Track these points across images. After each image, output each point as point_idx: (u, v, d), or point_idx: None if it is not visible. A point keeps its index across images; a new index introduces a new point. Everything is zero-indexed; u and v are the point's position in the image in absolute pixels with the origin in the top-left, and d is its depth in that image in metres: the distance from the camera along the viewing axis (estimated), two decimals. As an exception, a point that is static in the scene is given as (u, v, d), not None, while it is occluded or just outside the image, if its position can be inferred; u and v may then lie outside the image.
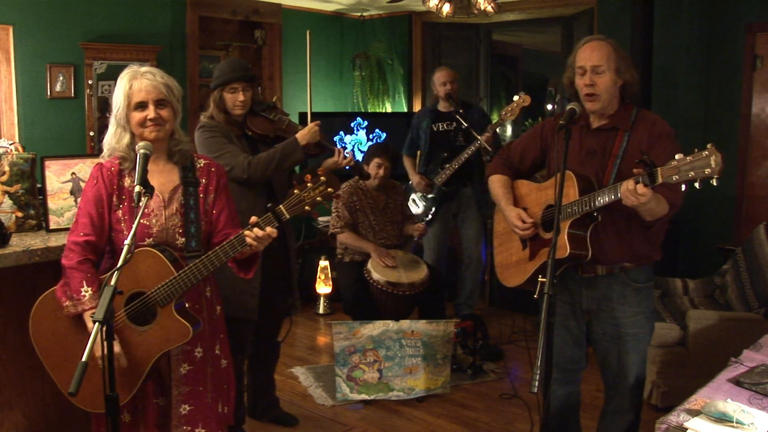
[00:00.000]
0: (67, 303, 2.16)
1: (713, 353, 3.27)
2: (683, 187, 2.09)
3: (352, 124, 6.06)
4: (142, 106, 2.21)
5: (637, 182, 2.15)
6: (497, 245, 2.85)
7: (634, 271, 2.52)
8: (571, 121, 2.39)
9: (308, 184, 2.11)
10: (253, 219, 2.15)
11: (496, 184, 2.76)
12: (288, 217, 2.13)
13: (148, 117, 2.20)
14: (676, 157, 2.06)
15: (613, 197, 2.27)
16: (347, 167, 3.38)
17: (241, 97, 3.05)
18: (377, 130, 6.09)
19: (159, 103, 2.22)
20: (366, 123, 6.07)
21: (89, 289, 2.15)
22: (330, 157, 3.29)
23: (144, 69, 2.25)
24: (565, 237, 2.39)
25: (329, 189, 2.11)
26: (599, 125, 2.53)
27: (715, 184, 2.01)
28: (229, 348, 2.46)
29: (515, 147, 2.80)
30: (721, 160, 1.99)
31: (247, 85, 3.08)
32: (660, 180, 2.10)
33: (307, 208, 2.11)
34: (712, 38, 4.87)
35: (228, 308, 2.55)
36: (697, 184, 2.04)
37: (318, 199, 2.11)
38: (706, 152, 2.00)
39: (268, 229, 2.13)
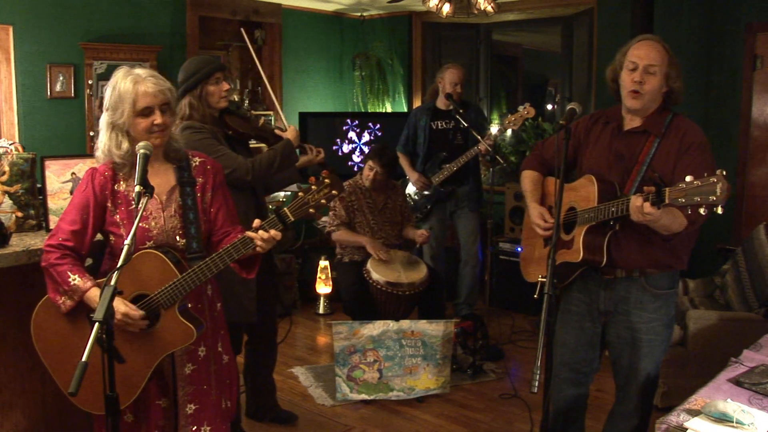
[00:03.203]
0: (62, 299, 2.14)
1: (713, 353, 3.27)
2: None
3: (345, 127, 6.06)
4: (147, 111, 2.16)
5: (645, 200, 2.10)
6: (524, 239, 2.85)
7: (655, 276, 2.47)
8: (571, 120, 2.37)
9: (312, 187, 2.10)
10: (257, 222, 2.14)
11: (527, 179, 2.76)
12: (292, 219, 2.12)
13: (155, 122, 2.16)
14: (687, 179, 1.99)
15: (624, 210, 2.23)
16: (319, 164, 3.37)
17: (225, 86, 2.97)
18: (370, 125, 6.08)
19: (163, 108, 2.18)
20: (357, 122, 6.07)
21: (76, 276, 2.12)
22: (303, 154, 3.29)
23: (143, 72, 2.18)
24: (580, 242, 2.37)
25: (333, 191, 2.10)
26: (631, 127, 2.47)
27: (719, 212, 1.93)
28: (229, 343, 2.46)
29: (549, 144, 2.77)
30: (727, 189, 1.91)
31: (224, 74, 3.01)
32: (667, 201, 2.04)
33: (311, 210, 2.11)
34: (712, 38, 4.86)
35: (228, 313, 2.53)
36: (702, 210, 1.96)
37: (322, 201, 2.10)
38: (714, 179, 1.93)
39: (272, 231, 2.12)
